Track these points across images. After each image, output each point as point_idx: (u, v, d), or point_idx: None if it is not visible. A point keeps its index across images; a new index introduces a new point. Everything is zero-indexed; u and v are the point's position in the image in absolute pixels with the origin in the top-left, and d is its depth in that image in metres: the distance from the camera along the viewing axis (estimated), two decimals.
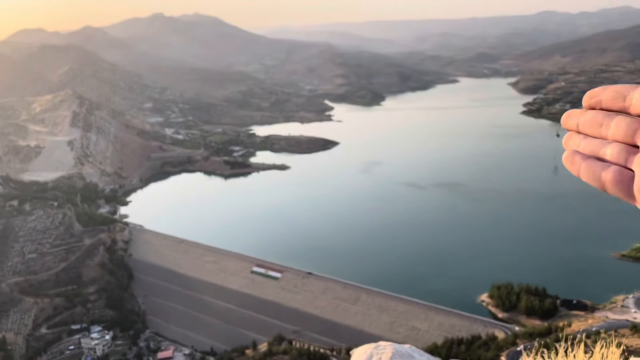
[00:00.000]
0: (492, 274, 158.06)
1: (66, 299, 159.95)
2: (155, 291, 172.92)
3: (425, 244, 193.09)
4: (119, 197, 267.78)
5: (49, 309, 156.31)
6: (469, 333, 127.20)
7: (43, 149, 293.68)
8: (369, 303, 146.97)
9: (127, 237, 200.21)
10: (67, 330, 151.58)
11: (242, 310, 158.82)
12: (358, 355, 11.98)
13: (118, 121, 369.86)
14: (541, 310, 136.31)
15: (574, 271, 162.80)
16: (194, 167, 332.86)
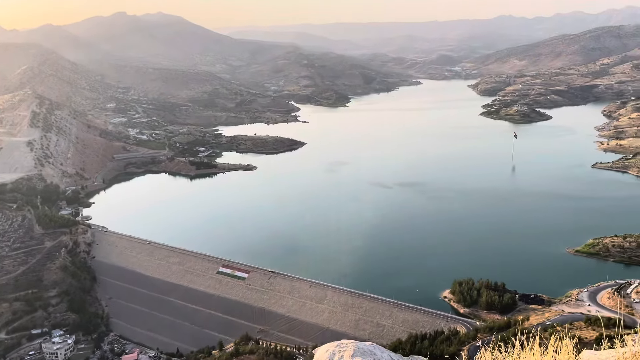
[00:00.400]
0: (454, 271, 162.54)
1: (26, 303, 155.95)
2: (120, 293, 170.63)
3: (390, 242, 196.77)
4: (81, 199, 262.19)
5: (7, 314, 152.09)
6: (432, 328, 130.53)
7: (1, 150, 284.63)
8: (335, 301, 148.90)
9: (90, 239, 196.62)
10: (27, 335, 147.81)
11: (208, 311, 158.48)
12: (321, 353, 12.44)
13: (80, 121, 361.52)
14: (501, 305, 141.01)
15: (531, 267, 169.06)
16: (159, 168, 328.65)
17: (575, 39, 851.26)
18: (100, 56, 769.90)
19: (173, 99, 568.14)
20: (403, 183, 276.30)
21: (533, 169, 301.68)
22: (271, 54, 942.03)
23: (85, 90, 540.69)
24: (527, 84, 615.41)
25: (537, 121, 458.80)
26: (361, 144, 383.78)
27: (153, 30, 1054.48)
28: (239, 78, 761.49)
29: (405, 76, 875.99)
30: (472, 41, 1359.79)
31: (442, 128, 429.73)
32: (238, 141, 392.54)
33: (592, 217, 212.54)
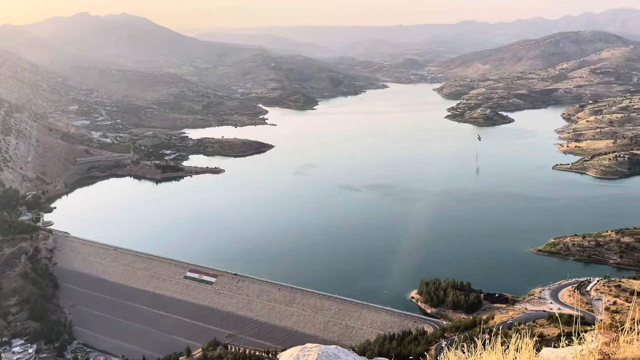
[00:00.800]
0: (421, 271, 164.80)
1: None
2: (83, 300, 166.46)
3: (358, 244, 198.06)
4: (42, 204, 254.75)
5: None
6: (400, 329, 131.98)
7: None
8: (304, 304, 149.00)
9: (52, 245, 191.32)
10: None
11: (175, 317, 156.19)
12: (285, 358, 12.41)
13: (40, 124, 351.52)
14: (466, 305, 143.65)
15: (495, 266, 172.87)
16: (123, 172, 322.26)
17: (536, 44, 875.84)
18: (62, 57, 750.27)
19: (138, 101, 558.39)
20: (371, 185, 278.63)
21: (496, 170, 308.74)
22: (238, 56, 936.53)
23: (46, 93, 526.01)
24: (490, 87, 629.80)
25: (500, 124, 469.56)
26: (329, 147, 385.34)
27: (117, 31, 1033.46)
28: (206, 80, 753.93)
29: (372, 79, 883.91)
30: (437, 45, 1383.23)
31: (408, 131, 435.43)
32: (205, 144, 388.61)
33: (553, 217, 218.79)
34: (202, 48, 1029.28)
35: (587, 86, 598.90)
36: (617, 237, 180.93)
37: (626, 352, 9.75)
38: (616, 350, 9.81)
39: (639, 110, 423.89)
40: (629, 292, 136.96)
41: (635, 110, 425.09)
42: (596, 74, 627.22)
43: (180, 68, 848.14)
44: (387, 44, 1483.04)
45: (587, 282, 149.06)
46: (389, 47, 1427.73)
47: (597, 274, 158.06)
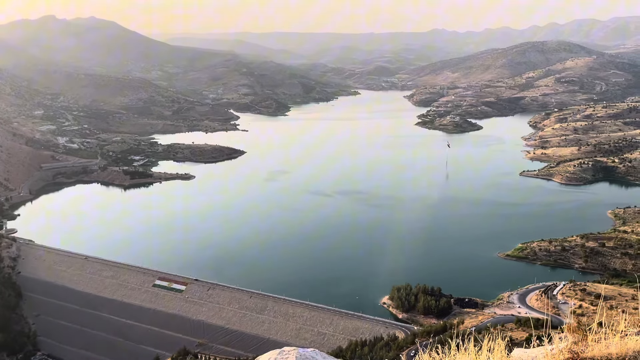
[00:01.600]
0: (392, 277, 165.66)
1: None
2: (48, 310, 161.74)
3: (330, 250, 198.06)
4: (5, 211, 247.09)
5: None
6: (372, 335, 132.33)
7: None
8: (276, 311, 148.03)
9: (15, 253, 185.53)
10: None
11: (143, 326, 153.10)
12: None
13: (4, 129, 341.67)
14: (437, 309, 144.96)
15: (465, 271, 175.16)
16: (90, 178, 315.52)
17: (503, 53, 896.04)
18: (27, 61, 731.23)
19: (106, 106, 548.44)
20: (343, 191, 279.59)
21: (465, 176, 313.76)
22: (209, 61, 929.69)
23: (10, 97, 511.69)
24: (459, 95, 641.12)
25: (469, 131, 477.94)
26: (301, 153, 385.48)
27: (85, 35, 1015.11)
28: (176, 85, 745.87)
29: (344, 86, 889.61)
30: (407, 53, 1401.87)
31: (379, 137, 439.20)
32: (175, 150, 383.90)
33: (520, 223, 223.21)
34: (172, 52, 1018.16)
35: (553, 95, 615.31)
36: (582, 242, 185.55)
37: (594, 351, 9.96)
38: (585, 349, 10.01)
39: (602, 118, 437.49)
40: (593, 296, 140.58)
41: (599, 118, 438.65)
42: (561, 83, 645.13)
43: (149, 73, 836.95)
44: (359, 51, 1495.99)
45: (554, 286, 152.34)
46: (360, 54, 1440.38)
47: (563, 278, 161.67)
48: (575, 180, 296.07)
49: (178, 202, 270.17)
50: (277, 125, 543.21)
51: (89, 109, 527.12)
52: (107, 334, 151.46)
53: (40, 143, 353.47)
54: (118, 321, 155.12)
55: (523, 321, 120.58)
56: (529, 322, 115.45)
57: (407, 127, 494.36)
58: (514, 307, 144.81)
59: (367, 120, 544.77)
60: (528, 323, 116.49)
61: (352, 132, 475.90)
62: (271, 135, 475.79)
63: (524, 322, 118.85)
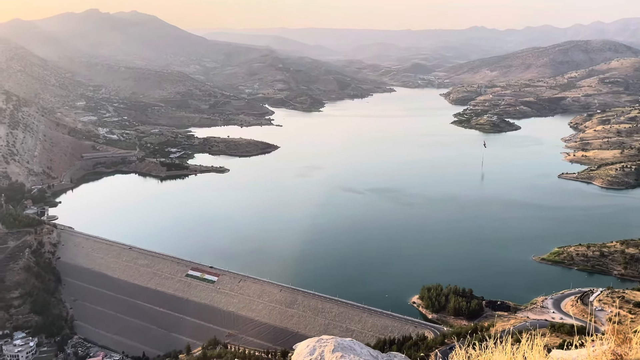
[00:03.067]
0: (423, 277, 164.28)
1: None
2: (85, 296, 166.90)
3: (360, 247, 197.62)
4: (47, 198, 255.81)
5: None
6: (401, 334, 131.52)
7: None
8: (305, 306, 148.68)
9: (56, 239, 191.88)
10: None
11: (176, 315, 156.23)
12: (301, 348, 12.51)
13: (48, 119, 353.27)
14: (468, 311, 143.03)
15: (498, 273, 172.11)
16: (129, 168, 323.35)
17: (545, 52, 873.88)
18: (71, 53, 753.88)
19: (145, 98, 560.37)
20: (375, 189, 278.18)
21: (501, 177, 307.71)
22: (246, 56, 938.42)
23: (54, 88, 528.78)
24: (498, 94, 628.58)
25: (506, 131, 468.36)
26: (334, 149, 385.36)
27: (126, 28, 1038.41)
28: (213, 80, 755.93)
29: (379, 83, 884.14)
30: (445, 51, 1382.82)
31: (414, 135, 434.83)
32: (211, 143, 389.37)
33: (557, 226, 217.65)
34: (210, 47, 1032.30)
35: (596, 95, 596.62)
36: (622, 248, 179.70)
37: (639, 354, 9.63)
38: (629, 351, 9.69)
39: None
40: (632, 304, 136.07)
41: None
42: (605, 84, 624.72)
43: (188, 67, 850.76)
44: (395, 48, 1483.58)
45: (591, 292, 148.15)
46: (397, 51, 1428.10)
47: (600, 284, 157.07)
48: (617, 185, 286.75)
49: (212, 195, 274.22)
50: (311, 121, 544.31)
51: (128, 101, 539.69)
52: (141, 320, 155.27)
53: (81, 133, 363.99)
54: (151, 309, 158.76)
55: (557, 327, 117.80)
56: (564, 328, 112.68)
57: (442, 126, 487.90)
58: (548, 312, 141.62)
59: (401, 118, 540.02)
60: (562, 329, 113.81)
61: (386, 129, 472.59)
62: (305, 131, 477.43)
63: (558, 328, 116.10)
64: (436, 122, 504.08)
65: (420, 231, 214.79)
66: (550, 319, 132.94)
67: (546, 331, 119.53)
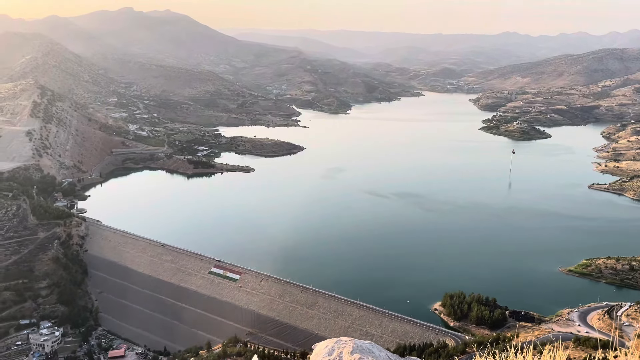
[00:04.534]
0: (445, 284, 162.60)
1: (16, 293, 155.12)
2: (110, 288, 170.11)
3: (382, 251, 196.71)
4: (77, 191, 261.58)
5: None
6: (421, 340, 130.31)
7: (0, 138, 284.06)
8: (325, 307, 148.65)
9: (84, 232, 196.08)
10: (15, 325, 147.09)
11: (197, 311, 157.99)
12: (320, 349, 12.56)
13: (80, 114, 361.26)
14: (491, 320, 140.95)
15: (523, 283, 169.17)
16: (157, 165, 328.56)
17: (579, 59, 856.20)
18: (105, 50, 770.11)
19: (175, 96, 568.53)
20: (399, 193, 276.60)
21: (529, 186, 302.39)
22: (275, 57, 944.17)
23: (87, 83, 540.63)
24: (528, 101, 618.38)
25: (536, 139, 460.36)
26: (360, 152, 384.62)
27: (159, 27, 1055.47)
28: (242, 80, 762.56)
29: (407, 87, 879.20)
30: (476, 56, 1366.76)
31: (441, 140, 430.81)
32: (237, 142, 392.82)
33: (586, 238, 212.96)
34: (240, 47, 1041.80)
35: (631, 105, 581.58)
36: None
37: None
38: None
39: None
40: None
41: None
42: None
43: (217, 66, 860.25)
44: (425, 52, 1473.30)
45: (619, 306, 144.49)
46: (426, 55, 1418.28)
47: (629, 299, 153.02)
48: None
49: (237, 193, 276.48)
50: (337, 123, 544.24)
51: (159, 99, 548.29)
52: (163, 315, 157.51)
53: (112, 129, 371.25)
54: (174, 304, 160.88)
55: (582, 340, 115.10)
56: (589, 342, 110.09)
57: (470, 132, 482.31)
58: (574, 325, 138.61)
59: (429, 122, 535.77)
60: (587, 343, 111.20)
61: (413, 133, 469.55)
62: (331, 133, 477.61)
63: (583, 342, 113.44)
64: (464, 128, 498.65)
65: (444, 238, 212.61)
66: (576, 332, 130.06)
67: (570, 344, 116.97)
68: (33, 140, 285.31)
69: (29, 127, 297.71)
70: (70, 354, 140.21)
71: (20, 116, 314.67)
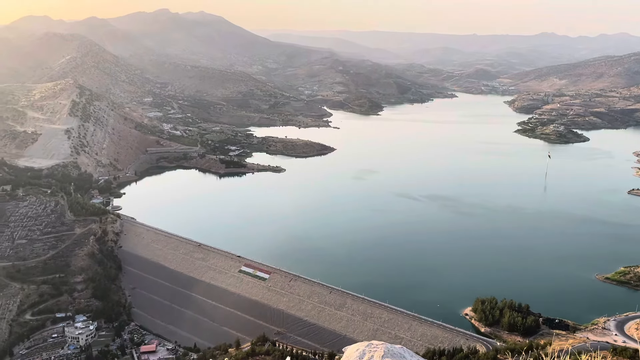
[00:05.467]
0: (476, 288, 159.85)
1: (53, 287, 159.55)
2: (143, 284, 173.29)
3: (413, 254, 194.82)
4: (112, 189, 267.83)
5: (34, 296, 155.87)
6: (451, 345, 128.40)
7: (40, 136, 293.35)
8: (354, 309, 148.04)
9: (118, 228, 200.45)
10: (51, 318, 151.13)
11: (227, 309, 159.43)
12: (351, 352, 12.42)
13: (117, 113, 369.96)
14: (523, 327, 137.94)
15: (557, 290, 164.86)
16: (190, 164, 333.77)
17: (619, 60, 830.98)
18: (141, 51, 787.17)
19: (208, 97, 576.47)
20: (430, 195, 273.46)
21: (566, 191, 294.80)
22: (307, 58, 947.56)
23: (124, 83, 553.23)
24: (566, 103, 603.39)
25: (573, 142, 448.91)
26: (391, 154, 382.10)
27: (194, 28, 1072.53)
28: (274, 80, 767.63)
29: (440, 88, 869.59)
30: (512, 57, 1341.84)
31: (474, 143, 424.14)
32: (269, 142, 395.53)
33: (624, 245, 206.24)
34: (273, 48, 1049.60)
35: None
36: None
37: None
38: None
39: None
40: None
41: None
42: None
43: (250, 67, 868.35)
44: (459, 53, 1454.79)
45: None
46: (460, 56, 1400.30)
47: None
48: None
49: (267, 193, 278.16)
50: (368, 124, 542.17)
51: (192, 99, 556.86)
52: (194, 312, 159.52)
53: (147, 128, 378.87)
54: (204, 302, 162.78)
55: (619, 350, 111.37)
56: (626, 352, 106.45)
57: (505, 134, 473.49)
58: (610, 335, 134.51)
59: (462, 124, 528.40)
60: (625, 353, 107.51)
61: (446, 135, 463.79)
62: (362, 134, 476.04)
63: (620, 352, 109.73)
64: (499, 130, 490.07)
65: (476, 242, 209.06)
66: (612, 342, 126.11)
67: (607, 354, 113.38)
68: (71, 139, 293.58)
69: (68, 125, 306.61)
70: (103, 347, 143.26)
71: (59, 115, 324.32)
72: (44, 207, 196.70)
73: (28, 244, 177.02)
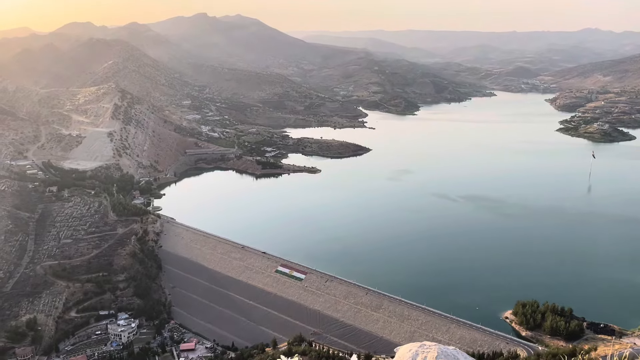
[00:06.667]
0: (517, 291, 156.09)
1: (96, 285, 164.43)
2: (182, 283, 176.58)
3: (451, 256, 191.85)
4: (153, 190, 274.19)
5: (79, 294, 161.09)
6: (491, 349, 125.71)
7: (84, 139, 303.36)
8: (391, 311, 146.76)
9: (159, 228, 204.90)
10: (95, 315, 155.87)
11: (264, 309, 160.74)
12: (403, 352, 12.28)
13: (157, 116, 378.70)
14: (566, 332, 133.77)
15: (603, 294, 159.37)
16: (227, 165, 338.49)
17: None
18: (180, 55, 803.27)
19: (245, 99, 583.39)
20: (469, 196, 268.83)
21: (611, 191, 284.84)
22: (342, 59, 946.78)
23: (163, 87, 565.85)
24: (611, 101, 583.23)
25: (619, 141, 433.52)
26: (428, 154, 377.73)
27: (231, 31, 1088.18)
28: (310, 82, 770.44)
29: (478, 87, 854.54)
30: (553, 54, 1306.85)
31: (514, 142, 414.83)
32: (304, 144, 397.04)
33: None
34: (308, 50, 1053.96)
35: None
36: None
37: None
38: None
39: None
40: None
41: None
42: None
43: (286, 69, 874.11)
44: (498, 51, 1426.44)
45: None
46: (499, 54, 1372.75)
47: None
48: None
49: (303, 194, 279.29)
50: (404, 125, 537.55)
51: (229, 101, 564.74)
52: (231, 311, 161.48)
53: (186, 130, 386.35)
54: (242, 301, 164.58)
55: None
56: None
57: (546, 133, 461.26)
58: None
59: (502, 123, 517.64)
60: None
61: (484, 135, 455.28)
62: (398, 134, 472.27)
63: None
64: (540, 129, 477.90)
65: (517, 243, 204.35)
66: None
67: None
68: (114, 141, 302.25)
69: (111, 128, 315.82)
70: (145, 344, 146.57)
71: (102, 118, 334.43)
72: (88, 208, 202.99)
73: (73, 244, 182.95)
